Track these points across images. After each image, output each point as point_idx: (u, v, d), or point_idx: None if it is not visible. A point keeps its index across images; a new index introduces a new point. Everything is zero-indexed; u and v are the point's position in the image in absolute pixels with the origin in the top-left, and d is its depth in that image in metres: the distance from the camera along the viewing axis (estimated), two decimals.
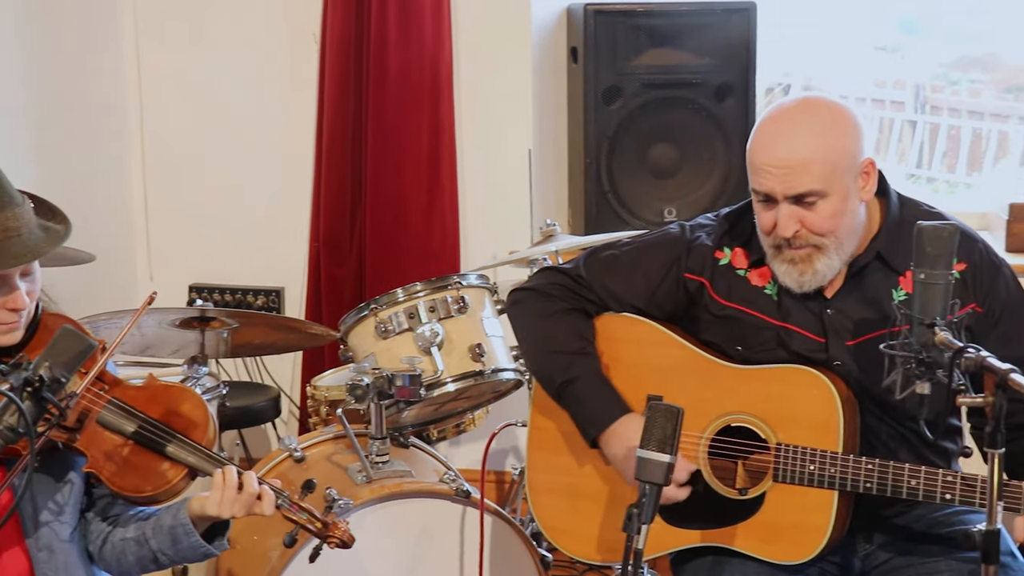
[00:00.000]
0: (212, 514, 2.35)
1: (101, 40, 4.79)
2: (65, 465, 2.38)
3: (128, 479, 2.33)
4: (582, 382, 2.73)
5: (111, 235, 4.79)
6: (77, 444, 2.34)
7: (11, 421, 2.01)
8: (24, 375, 2.05)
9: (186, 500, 2.39)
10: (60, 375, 2.09)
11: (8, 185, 2.26)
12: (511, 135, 4.62)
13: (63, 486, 2.38)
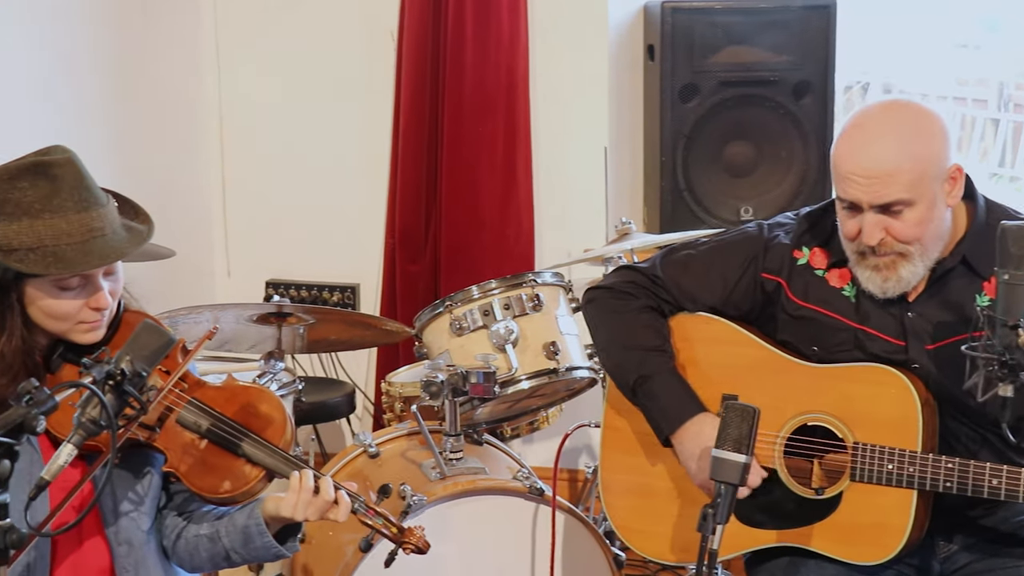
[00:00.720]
0: (286, 516, 2.36)
1: (181, 38, 4.85)
2: (145, 462, 2.40)
3: (205, 479, 2.35)
4: (657, 379, 2.72)
5: (190, 231, 4.85)
6: (156, 443, 2.36)
7: (93, 414, 2.03)
8: (106, 369, 2.07)
9: (260, 500, 2.40)
10: (141, 369, 2.11)
11: (93, 185, 2.28)
12: (587, 133, 4.61)
13: (142, 482, 2.40)
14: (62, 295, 2.26)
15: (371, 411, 4.89)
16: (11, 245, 2.20)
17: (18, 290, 2.27)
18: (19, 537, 1.84)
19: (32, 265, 2.19)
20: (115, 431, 2.04)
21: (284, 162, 4.95)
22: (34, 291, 2.27)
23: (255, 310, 3.50)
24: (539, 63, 4.60)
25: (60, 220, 2.20)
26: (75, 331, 2.31)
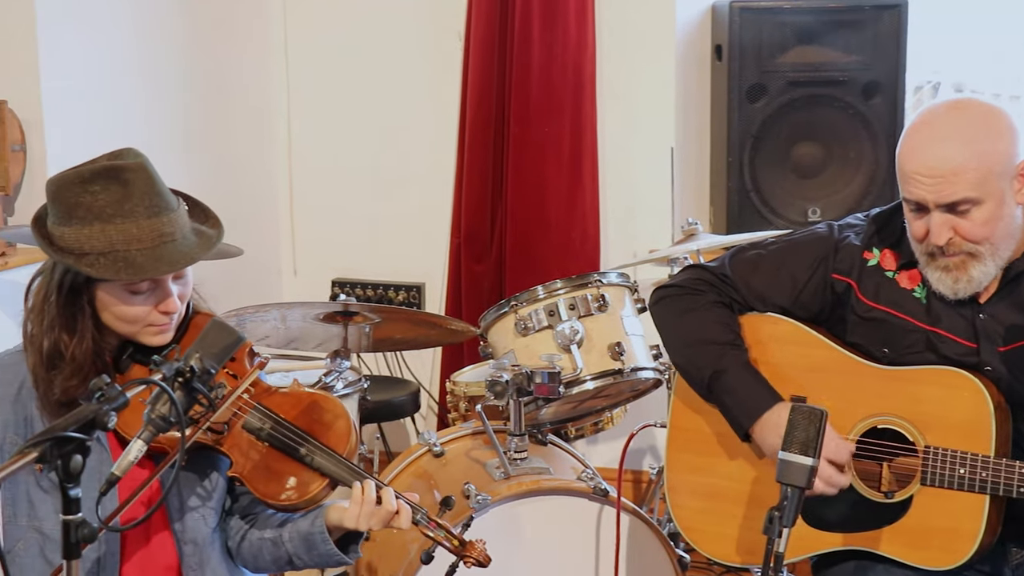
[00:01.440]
0: (349, 527, 2.37)
1: (251, 39, 4.90)
2: (211, 464, 2.42)
3: (270, 485, 2.35)
4: (733, 373, 2.70)
5: (258, 230, 4.90)
6: (222, 446, 2.37)
7: (163, 410, 2.05)
8: (176, 366, 2.09)
9: (324, 507, 2.41)
10: (210, 366, 2.13)
11: (164, 190, 2.29)
12: (654, 133, 4.60)
13: (208, 483, 2.42)
14: (132, 299, 2.28)
15: (435, 410, 4.91)
16: (83, 249, 2.22)
17: (89, 293, 2.30)
18: (90, 531, 1.86)
19: (102, 270, 2.21)
20: (184, 427, 2.06)
21: (351, 162, 4.98)
22: (104, 294, 2.29)
23: (321, 309, 3.52)
24: (606, 63, 4.59)
25: (131, 225, 2.22)
26: (144, 334, 2.33)
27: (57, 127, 3.85)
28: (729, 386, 2.71)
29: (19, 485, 2.32)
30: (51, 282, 2.30)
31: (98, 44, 4.07)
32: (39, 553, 2.32)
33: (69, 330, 2.29)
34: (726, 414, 2.74)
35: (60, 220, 2.24)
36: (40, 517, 2.32)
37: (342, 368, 3.52)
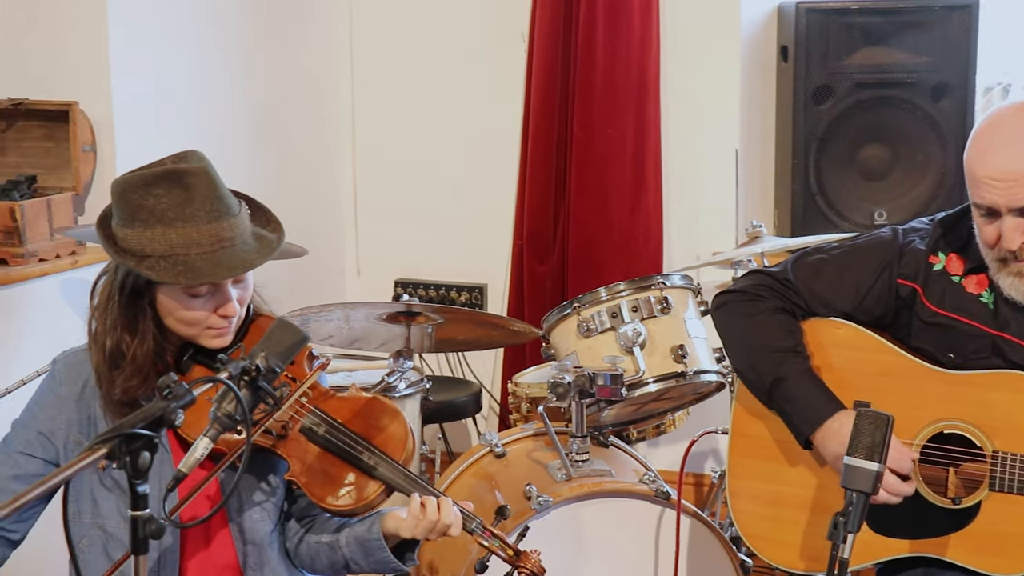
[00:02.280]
0: (405, 537, 2.38)
1: (317, 41, 4.94)
2: (270, 467, 2.43)
3: (326, 490, 2.36)
4: (794, 380, 2.68)
5: (322, 231, 4.93)
6: (280, 450, 2.38)
7: (229, 408, 2.06)
8: (242, 364, 2.10)
9: (380, 514, 2.41)
10: (275, 365, 2.14)
11: (226, 194, 2.30)
12: (718, 135, 4.57)
13: (267, 485, 2.43)
14: (191, 302, 2.29)
15: (497, 411, 4.91)
16: (144, 251, 2.24)
17: (150, 295, 2.32)
18: (158, 527, 1.87)
19: (162, 273, 2.23)
20: (249, 426, 2.07)
21: (414, 163, 5.00)
22: (164, 297, 2.31)
23: (384, 309, 3.54)
24: (670, 64, 4.58)
25: (192, 229, 2.23)
26: (203, 336, 2.34)
27: (127, 128, 3.89)
28: (790, 393, 2.69)
29: (83, 483, 2.35)
30: (114, 282, 2.32)
31: (167, 46, 4.12)
32: (102, 550, 2.34)
33: (131, 331, 2.31)
34: (787, 421, 2.72)
35: (123, 222, 2.26)
36: (103, 515, 2.35)
37: (405, 368, 3.53)
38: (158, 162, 2.29)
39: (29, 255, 3.60)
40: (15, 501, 1.76)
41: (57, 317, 3.63)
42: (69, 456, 2.34)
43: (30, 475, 2.33)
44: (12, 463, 2.33)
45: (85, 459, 1.82)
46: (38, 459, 2.34)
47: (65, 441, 2.34)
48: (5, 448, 2.35)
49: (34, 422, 2.36)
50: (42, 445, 2.34)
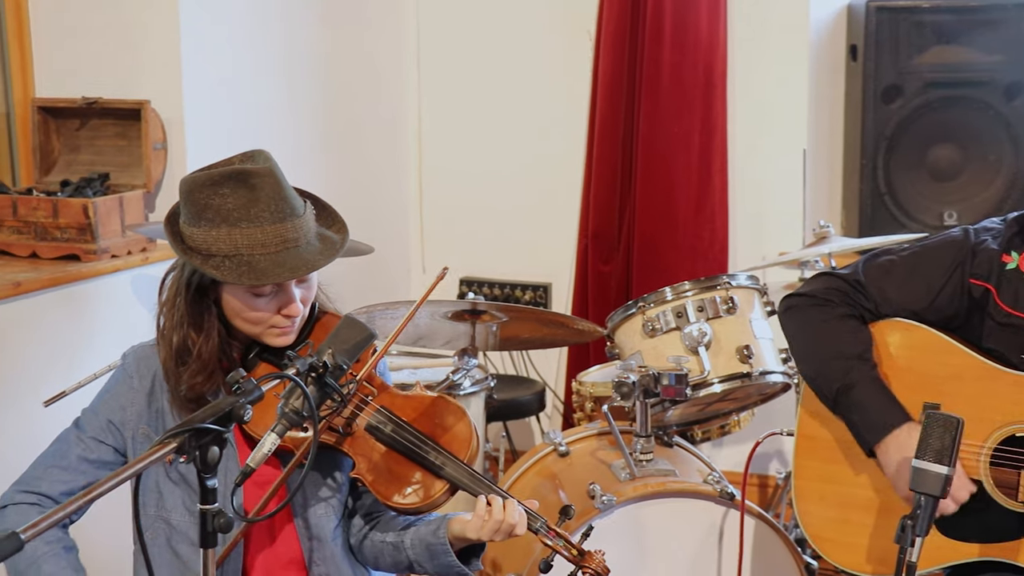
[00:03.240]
0: (472, 539, 2.37)
1: (384, 40, 4.96)
2: (335, 464, 2.45)
3: (391, 488, 2.36)
4: (860, 388, 2.66)
5: (388, 228, 4.96)
6: (345, 448, 2.39)
7: (296, 404, 2.08)
8: (309, 361, 2.12)
9: (447, 518, 2.41)
10: (342, 362, 2.15)
11: (290, 195, 2.31)
12: (785, 134, 4.54)
13: (332, 482, 2.44)
14: (255, 301, 2.31)
15: (561, 410, 4.91)
16: (209, 250, 2.25)
17: (215, 293, 2.34)
18: (227, 521, 1.90)
19: (227, 273, 2.24)
20: (317, 422, 2.08)
21: (479, 161, 5.01)
22: (229, 296, 2.32)
23: (450, 307, 3.54)
24: (737, 63, 4.55)
25: (256, 230, 2.24)
26: (267, 335, 2.36)
27: (197, 126, 3.94)
28: (856, 401, 2.67)
29: (150, 476, 2.38)
30: (181, 279, 2.34)
31: (238, 46, 4.16)
32: (166, 543, 2.37)
33: (197, 328, 2.33)
34: (852, 429, 2.70)
35: (190, 220, 2.28)
36: (168, 508, 2.37)
37: (469, 366, 3.54)
38: (225, 161, 2.30)
39: (101, 251, 3.66)
40: (89, 494, 1.78)
41: (128, 312, 3.68)
42: (137, 447, 2.37)
43: (100, 461, 2.37)
44: (84, 446, 2.37)
45: (156, 453, 1.84)
46: (109, 446, 2.37)
47: (134, 433, 2.38)
48: (77, 431, 2.39)
49: (105, 410, 2.39)
50: (112, 434, 2.38)
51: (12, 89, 3.94)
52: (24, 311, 3.45)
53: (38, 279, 3.48)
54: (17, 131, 3.97)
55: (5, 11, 3.90)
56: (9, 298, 3.39)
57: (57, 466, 2.36)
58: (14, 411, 3.40)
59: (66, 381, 3.29)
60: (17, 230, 3.70)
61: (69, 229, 3.65)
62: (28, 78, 3.96)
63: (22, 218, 3.69)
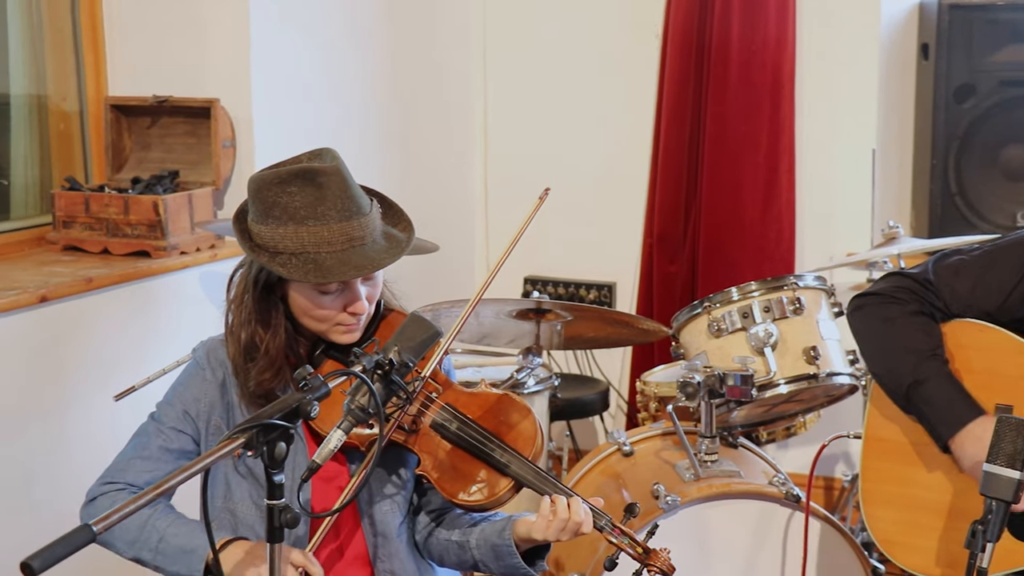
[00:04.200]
0: (538, 539, 2.37)
1: (451, 37, 4.98)
2: (400, 461, 2.45)
3: (456, 485, 2.36)
4: (933, 383, 2.63)
5: (453, 227, 4.97)
6: (411, 445, 2.39)
7: (362, 401, 2.09)
8: (375, 358, 2.13)
9: (512, 519, 2.41)
10: (408, 360, 2.16)
11: (357, 193, 2.32)
12: (854, 134, 4.50)
13: (397, 478, 2.45)
14: (321, 299, 2.32)
15: (624, 409, 4.90)
16: (276, 248, 2.27)
17: (282, 290, 2.35)
18: (293, 516, 1.91)
19: (293, 271, 2.25)
20: (383, 419, 2.09)
21: (545, 159, 5.01)
22: (296, 293, 2.34)
23: (514, 306, 3.55)
24: (806, 62, 4.51)
25: (323, 228, 2.25)
26: (332, 332, 2.37)
27: (265, 124, 3.97)
28: (928, 396, 2.64)
29: (218, 468, 2.40)
30: (249, 276, 2.35)
31: (306, 44, 4.19)
32: (230, 534, 2.38)
33: (264, 324, 2.34)
34: (925, 424, 2.66)
35: (258, 218, 2.29)
36: (235, 500, 2.39)
37: (534, 365, 3.54)
38: (293, 159, 2.32)
39: (171, 248, 3.70)
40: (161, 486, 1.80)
41: (196, 309, 3.72)
42: (210, 439, 2.39)
43: (180, 450, 2.40)
44: (164, 437, 2.39)
45: (225, 447, 1.86)
46: (188, 435, 2.40)
47: (207, 424, 2.40)
48: (156, 423, 2.42)
49: (180, 401, 2.41)
50: (188, 423, 2.40)
51: (86, 88, 4.00)
52: (95, 306, 3.50)
53: (109, 275, 3.53)
54: (90, 129, 4.03)
55: (80, 11, 3.96)
56: (81, 293, 3.44)
57: (139, 457, 2.39)
58: (86, 405, 3.46)
59: (135, 376, 3.33)
60: (89, 227, 3.75)
61: (139, 226, 3.70)
62: (101, 77, 4.02)
63: (94, 215, 3.74)
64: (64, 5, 3.95)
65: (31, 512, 3.25)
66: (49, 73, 3.97)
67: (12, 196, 3.92)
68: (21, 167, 3.92)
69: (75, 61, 3.99)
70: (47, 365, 3.39)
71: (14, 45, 3.89)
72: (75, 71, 4.00)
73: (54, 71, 3.98)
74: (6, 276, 3.45)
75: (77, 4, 3.96)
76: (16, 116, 3.91)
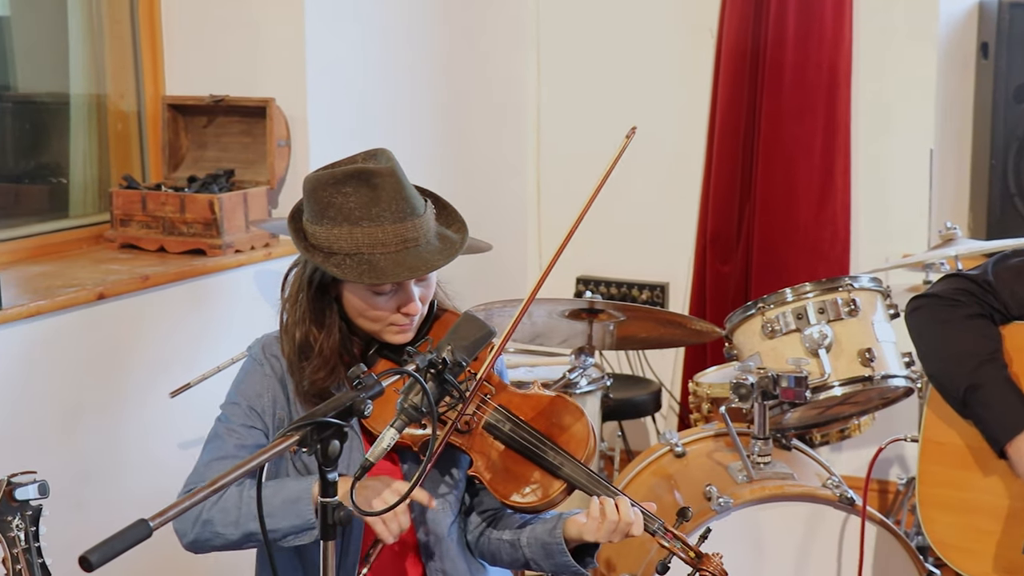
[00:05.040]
0: (589, 540, 2.37)
1: (504, 37, 4.98)
2: (452, 461, 2.45)
3: (508, 487, 2.36)
4: (990, 387, 2.60)
5: (506, 226, 4.97)
6: (463, 446, 2.39)
7: (415, 400, 2.09)
8: (429, 357, 2.13)
9: (562, 517, 2.41)
10: (461, 359, 2.16)
11: (411, 195, 2.32)
12: (912, 134, 4.45)
13: (449, 479, 2.45)
14: (375, 299, 2.33)
15: (676, 410, 4.88)
16: (331, 248, 2.28)
17: (336, 290, 2.36)
18: (346, 514, 1.92)
19: (347, 271, 2.26)
20: (436, 418, 2.10)
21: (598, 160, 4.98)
22: (349, 293, 2.35)
23: (567, 305, 3.54)
24: (863, 62, 4.47)
25: (377, 229, 2.26)
26: (386, 332, 2.38)
27: (320, 124, 4.00)
28: (986, 400, 2.61)
29: (279, 464, 2.42)
30: (303, 276, 2.37)
31: (360, 44, 4.21)
32: None
33: (318, 324, 2.35)
34: (982, 429, 2.64)
35: (313, 218, 2.30)
36: None
37: (586, 365, 3.53)
38: (348, 159, 2.33)
39: (226, 246, 3.73)
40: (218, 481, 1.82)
41: (250, 307, 3.75)
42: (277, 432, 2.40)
43: (256, 445, 2.39)
44: (238, 436, 2.40)
45: (279, 445, 1.87)
46: (258, 430, 2.40)
47: (272, 418, 2.41)
48: (226, 424, 2.42)
49: (244, 399, 2.42)
50: (256, 419, 2.41)
51: (144, 87, 4.04)
52: (152, 304, 3.54)
53: (165, 273, 3.56)
54: (147, 128, 4.07)
55: (139, 12, 4.00)
56: (138, 291, 3.48)
57: (217, 459, 2.39)
58: (142, 401, 3.49)
59: (190, 373, 3.36)
60: (146, 225, 3.79)
61: (195, 224, 3.73)
62: (159, 77, 4.06)
63: (151, 213, 3.78)
64: (124, 6, 4.00)
65: (88, 507, 3.29)
66: (108, 73, 4.02)
67: (71, 195, 3.97)
68: (80, 166, 3.97)
69: (134, 61, 4.04)
70: (104, 362, 3.43)
71: (74, 46, 3.94)
72: (133, 71, 4.05)
73: (113, 71, 4.03)
74: (65, 273, 3.49)
75: (136, 5, 4.00)
76: (75, 116, 3.96)
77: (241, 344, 2.59)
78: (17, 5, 3.91)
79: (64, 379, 3.32)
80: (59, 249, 3.77)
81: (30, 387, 3.23)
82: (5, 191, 3.88)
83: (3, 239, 3.68)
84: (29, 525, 2.08)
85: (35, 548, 2.08)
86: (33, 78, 3.99)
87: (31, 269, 3.54)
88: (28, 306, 3.17)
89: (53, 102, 3.97)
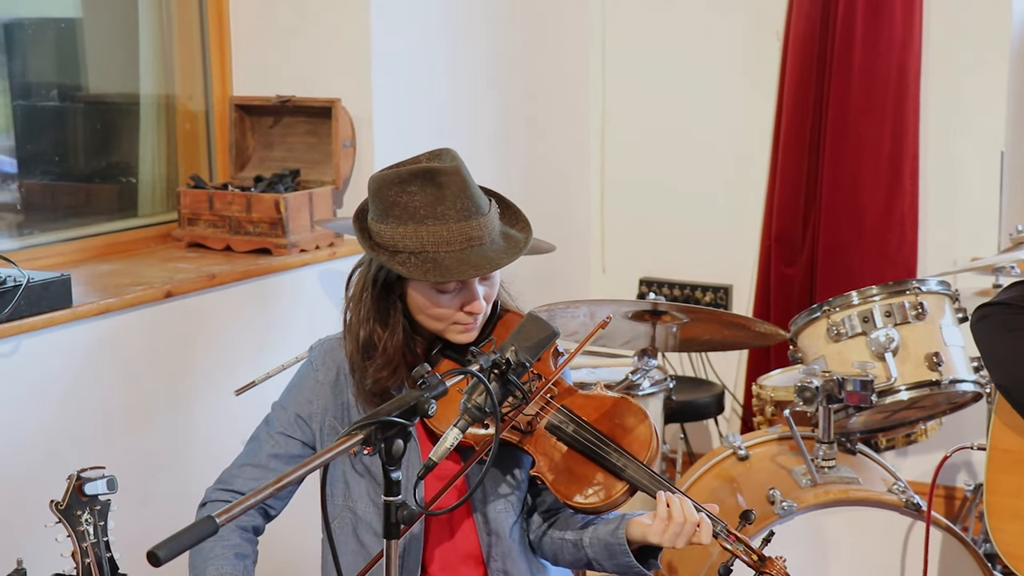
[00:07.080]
0: (653, 543, 2.35)
1: (570, 38, 4.98)
2: (514, 461, 2.45)
3: (571, 487, 2.36)
4: None
5: (569, 228, 4.97)
6: (526, 446, 2.39)
7: (479, 400, 2.09)
8: (492, 357, 2.14)
9: (625, 518, 2.40)
10: (524, 359, 2.16)
11: (476, 193, 2.32)
12: (982, 135, 4.40)
13: (511, 479, 2.45)
14: (439, 298, 2.33)
15: (739, 413, 4.86)
16: (396, 247, 2.29)
17: (401, 289, 2.37)
18: (410, 513, 1.93)
19: (412, 269, 2.27)
20: (499, 418, 2.10)
21: (662, 161, 4.99)
22: (414, 292, 2.35)
23: (631, 307, 3.53)
24: (932, 64, 4.42)
25: (442, 228, 2.26)
26: (450, 331, 2.38)
27: (385, 124, 4.02)
28: None
29: (336, 467, 2.42)
30: (368, 275, 2.37)
31: (425, 45, 4.23)
32: (352, 532, 2.41)
33: (383, 323, 2.36)
34: None
35: (378, 217, 2.31)
36: (354, 498, 2.41)
37: (649, 367, 3.52)
38: (413, 159, 2.33)
39: (291, 246, 3.76)
40: (278, 482, 1.84)
41: (315, 306, 3.78)
42: (324, 440, 2.42)
43: (289, 455, 2.42)
44: (274, 442, 2.43)
45: (343, 444, 1.88)
46: (297, 440, 2.43)
47: (321, 425, 2.43)
48: (268, 428, 2.45)
49: (293, 405, 2.45)
50: (300, 427, 2.43)
51: (212, 88, 4.09)
52: (218, 302, 3.57)
53: (231, 272, 3.60)
54: (215, 128, 4.11)
55: (208, 14, 4.05)
56: (204, 289, 3.51)
57: (250, 464, 2.43)
58: (208, 398, 3.53)
59: (256, 371, 3.39)
60: (213, 224, 3.83)
61: (261, 223, 3.77)
62: (226, 77, 4.10)
63: (217, 212, 3.81)
64: (193, 8, 4.04)
65: (155, 503, 3.33)
66: (177, 74, 4.07)
67: (140, 194, 4.02)
68: (149, 166, 4.02)
69: (202, 62, 4.08)
70: (171, 359, 3.47)
71: (144, 47, 3.99)
72: (202, 72, 4.09)
73: (182, 72, 4.07)
74: (133, 272, 3.54)
75: (205, 7, 4.05)
76: (145, 116, 4.01)
77: (305, 343, 2.61)
78: (89, 7, 3.96)
79: (132, 376, 3.36)
80: (128, 248, 3.82)
81: (99, 384, 3.27)
82: (76, 191, 3.93)
83: (74, 238, 3.74)
84: (98, 520, 2.12)
85: (103, 542, 2.12)
86: (104, 79, 4.05)
87: (100, 268, 3.59)
88: (97, 304, 3.21)
89: (123, 103, 4.02)
